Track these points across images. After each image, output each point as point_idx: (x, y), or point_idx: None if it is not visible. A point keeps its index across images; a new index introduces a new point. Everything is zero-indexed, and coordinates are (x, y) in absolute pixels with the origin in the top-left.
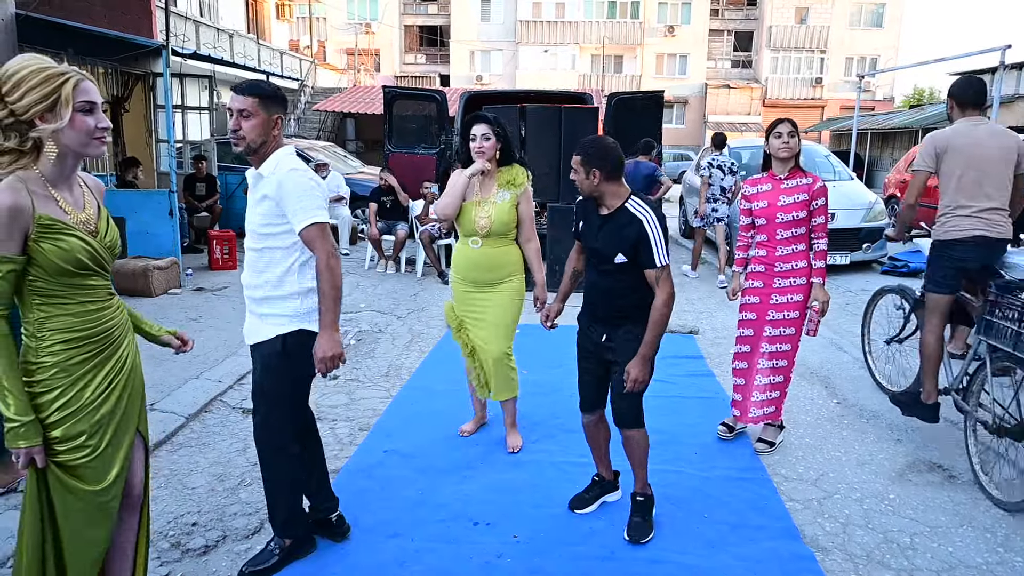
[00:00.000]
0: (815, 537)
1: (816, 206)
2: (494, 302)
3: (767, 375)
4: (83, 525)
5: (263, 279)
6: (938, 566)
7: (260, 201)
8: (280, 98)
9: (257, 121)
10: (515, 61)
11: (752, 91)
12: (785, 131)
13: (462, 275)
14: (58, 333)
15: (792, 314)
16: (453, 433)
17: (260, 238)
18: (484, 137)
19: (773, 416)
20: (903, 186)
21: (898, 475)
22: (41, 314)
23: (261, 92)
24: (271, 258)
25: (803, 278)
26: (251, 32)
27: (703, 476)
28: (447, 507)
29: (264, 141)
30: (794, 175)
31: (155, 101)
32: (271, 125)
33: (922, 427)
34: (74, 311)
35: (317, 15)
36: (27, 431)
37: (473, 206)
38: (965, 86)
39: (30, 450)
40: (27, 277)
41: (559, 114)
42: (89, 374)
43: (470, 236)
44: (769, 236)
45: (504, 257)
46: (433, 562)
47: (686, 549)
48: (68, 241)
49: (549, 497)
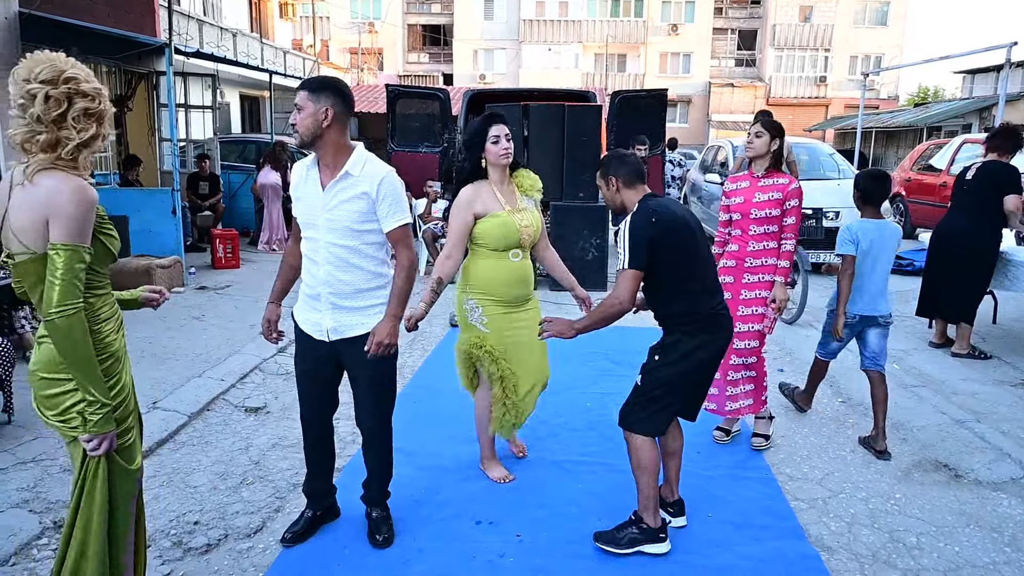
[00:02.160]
0: (820, 536)
1: (789, 206)
2: (533, 323)
3: (739, 370)
4: (124, 503)
5: (356, 275)
6: (944, 566)
7: (354, 199)
8: (331, 89)
9: (306, 113)
10: (518, 60)
11: (756, 90)
12: (752, 131)
13: (501, 295)
14: (108, 322)
15: (760, 309)
16: (456, 432)
17: (355, 234)
18: (507, 138)
19: (752, 409)
20: (907, 185)
21: (904, 474)
22: (92, 305)
23: (308, 85)
24: (367, 252)
25: (772, 274)
26: (255, 31)
27: (707, 475)
28: (450, 506)
29: (317, 134)
30: (772, 175)
31: (158, 100)
32: (320, 118)
33: (927, 426)
34: (108, 301)
35: (320, 14)
36: (110, 415)
37: (510, 217)
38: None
39: (110, 434)
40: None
41: (562, 112)
42: (123, 359)
43: (510, 249)
44: (743, 231)
45: (532, 269)
46: (436, 561)
47: (691, 548)
48: (115, 234)
49: (552, 496)
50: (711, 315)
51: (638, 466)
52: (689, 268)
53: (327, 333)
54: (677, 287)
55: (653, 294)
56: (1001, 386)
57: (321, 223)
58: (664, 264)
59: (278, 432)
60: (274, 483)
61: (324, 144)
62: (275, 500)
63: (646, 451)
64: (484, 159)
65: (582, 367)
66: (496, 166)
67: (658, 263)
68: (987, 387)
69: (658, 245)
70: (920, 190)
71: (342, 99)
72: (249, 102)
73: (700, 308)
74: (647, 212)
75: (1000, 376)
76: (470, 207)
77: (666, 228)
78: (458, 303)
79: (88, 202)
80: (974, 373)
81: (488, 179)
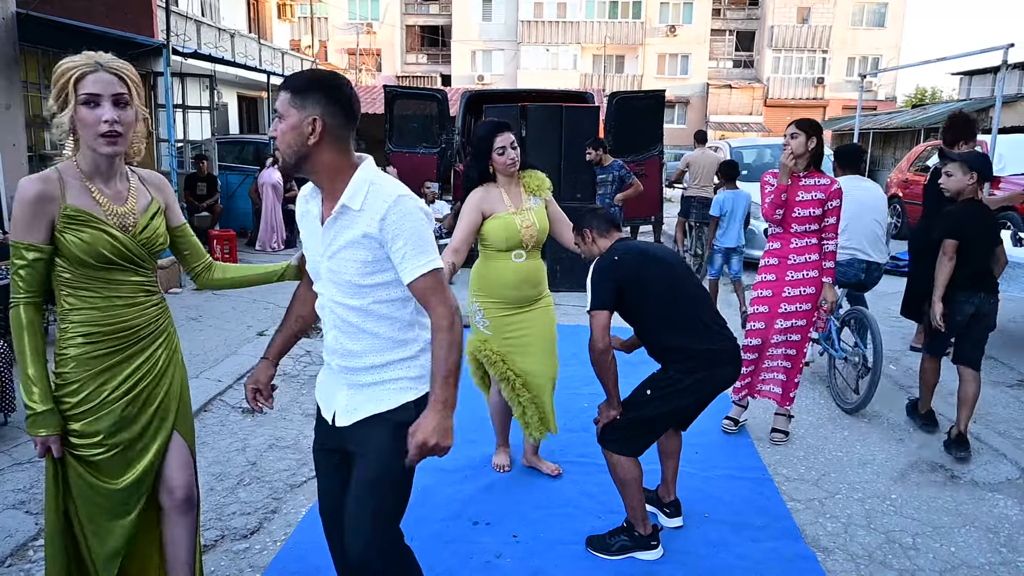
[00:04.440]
0: (816, 537)
1: (831, 206)
2: (539, 321)
3: (777, 358)
4: (100, 515)
5: (368, 343)
6: (941, 566)
7: (355, 245)
8: (323, 90)
9: (287, 125)
10: (516, 61)
11: (754, 91)
12: (788, 133)
13: (503, 296)
14: (80, 326)
15: (804, 306)
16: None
17: (362, 291)
18: (512, 146)
19: (781, 399)
20: (905, 186)
21: (900, 475)
22: (66, 305)
23: (291, 84)
24: (382, 313)
25: (815, 270)
26: (252, 32)
27: (704, 476)
28: (447, 506)
29: (302, 154)
30: (812, 175)
31: (155, 100)
32: (306, 131)
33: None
34: (98, 305)
35: (318, 15)
36: (45, 420)
37: (511, 217)
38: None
39: (47, 439)
40: (55, 267)
41: (560, 113)
42: (110, 371)
43: (512, 250)
44: (784, 229)
45: (542, 269)
46: (433, 562)
47: (688, 549)
48: (91, 233)
49: (548, 497)
50: (705, 354)
51: (619, 480)
52: (672, 299)
53: (333, 416)
54: (664, 320)
55: (642, 330)
56: (997, 387)
57: (323, 273)
58: (645, 297)
59: (275, 433)
60: (271, 484)
61: (315, 167)
62: (272, 501)
63: (624, 466)
64: (491, 166)
65: (579, 368)
66: (503, 173)
67: (638, 299)
68: (983, 388)
69: (628, 282)
70: (918, 191)
71: (337, 104)
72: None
73: (692, 345)
74: (611, 252)
75: (997, 377)
76: (478, 207)
77: (632, 264)
78: (469, 306)
79: (22, 200)
80: None
81: (496, 182)
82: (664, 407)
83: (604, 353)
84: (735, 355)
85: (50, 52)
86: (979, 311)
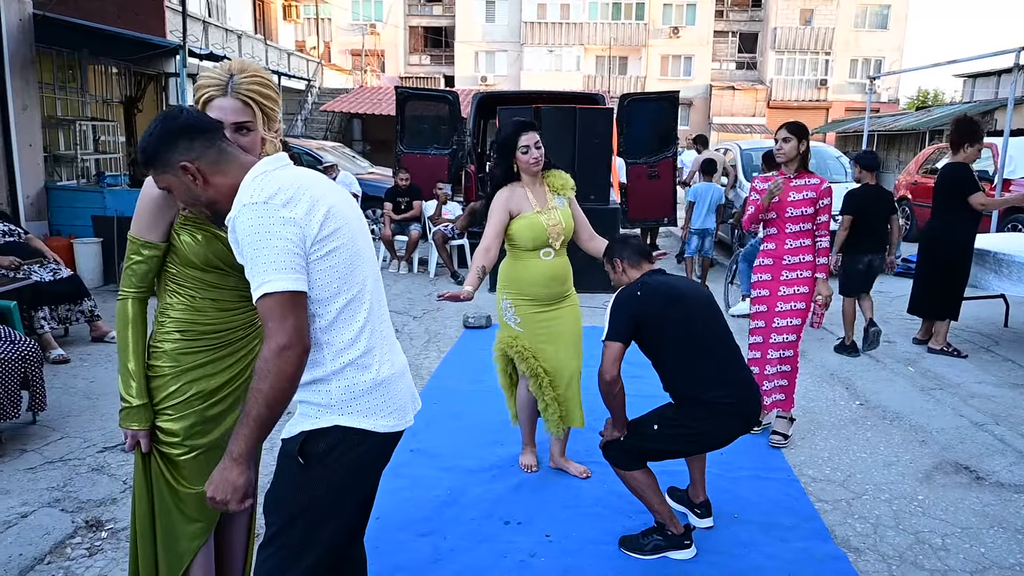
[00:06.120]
0: (846, 538)
1: (822, 205)
2: (566, 317)
3: (775, 364)
4: (175, 519)
5: None
6: (971, 567)
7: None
8: (175, 136)
9: (176, 190)
10: (520, 62)
11: (757, 93)
12: (780, 137)
13: (533, 294)
14: (177, 323)
15: (799, 305)
16: (477, 432)
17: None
18: (536, 146)
19: (784, 405)
20: (912, 188)
21: (925, 476)
22: (168, 300)
23: (144, 161)
24: None
25: (808, 271)
26: (259, 33)
27: (731, 476)
28: (477, 506)
29: (208, 198)
30: (803, 175)
31: (167, 101)
32: (188, 181)
33: (946, 428)
34: (197, 305)
35: (323, 16)
36: (139, 414)
37: (537, 217)
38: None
39: (137, 433)
40: (164, 264)
41: (574, 115)
42: (199, 369)
43: (541, 248)
44: (779, 230)
45: (568, 267)
46: (468, 560)
47: (719, 549)
48: (205, 235)
49: (577, 497)
50: (716, 405)
51: (632, 489)
52: (690, 345)
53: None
54: (679, 363)
55: (658, 366)
56: (1017, 389)
57: None
58: (663, 338)
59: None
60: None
61: (225, 196)
62: None
63: (632, 476)
64: (516, 165)
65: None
66: (527, 172)
67: (655, 338)
68: (1003, 390)
69: (646, 319)
70: (926, 193)
71: (182, 136)
72: None
73: (702, 394)
74: (635, 286)
75: (1016, 379)
76: (505, 206)
77: (654, 302)
78: (497, 303)
79: (147, 197)
80: (989, 376)
81: (521, 181)
82: (669, 446)
83: (612, 384)
84: (746, 407)
85: (64, 53)
86: (871, 264)
